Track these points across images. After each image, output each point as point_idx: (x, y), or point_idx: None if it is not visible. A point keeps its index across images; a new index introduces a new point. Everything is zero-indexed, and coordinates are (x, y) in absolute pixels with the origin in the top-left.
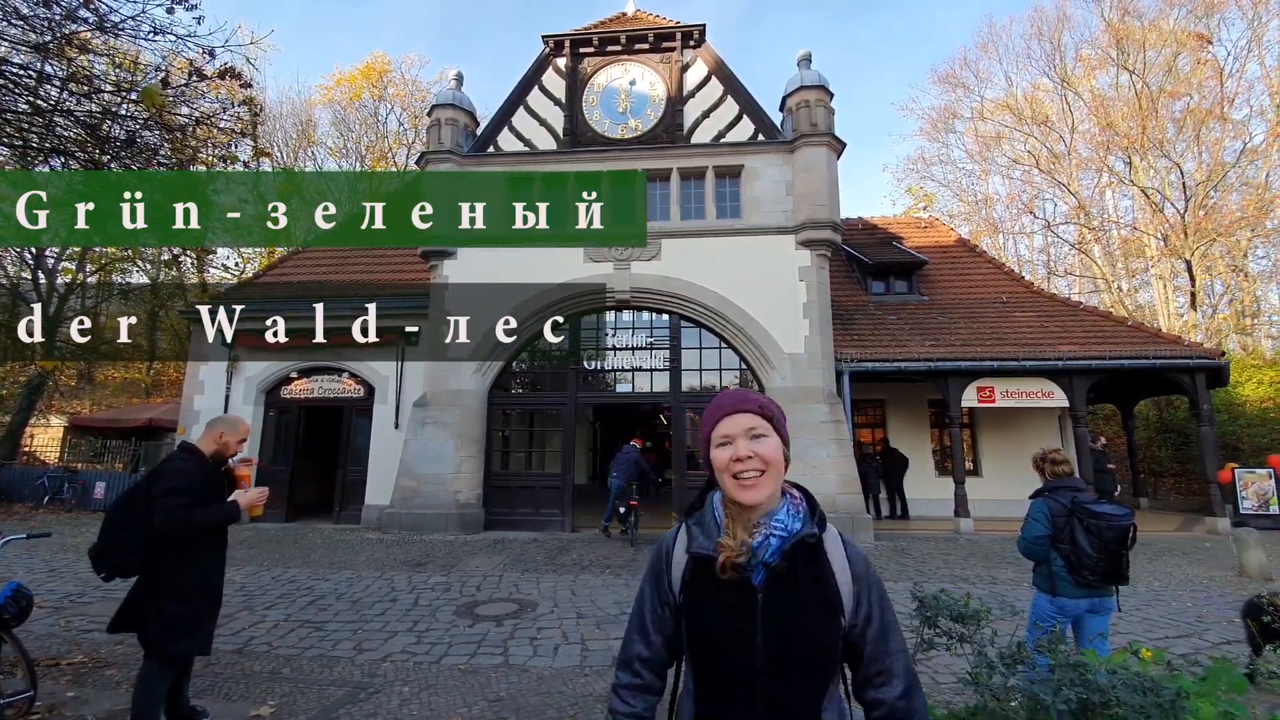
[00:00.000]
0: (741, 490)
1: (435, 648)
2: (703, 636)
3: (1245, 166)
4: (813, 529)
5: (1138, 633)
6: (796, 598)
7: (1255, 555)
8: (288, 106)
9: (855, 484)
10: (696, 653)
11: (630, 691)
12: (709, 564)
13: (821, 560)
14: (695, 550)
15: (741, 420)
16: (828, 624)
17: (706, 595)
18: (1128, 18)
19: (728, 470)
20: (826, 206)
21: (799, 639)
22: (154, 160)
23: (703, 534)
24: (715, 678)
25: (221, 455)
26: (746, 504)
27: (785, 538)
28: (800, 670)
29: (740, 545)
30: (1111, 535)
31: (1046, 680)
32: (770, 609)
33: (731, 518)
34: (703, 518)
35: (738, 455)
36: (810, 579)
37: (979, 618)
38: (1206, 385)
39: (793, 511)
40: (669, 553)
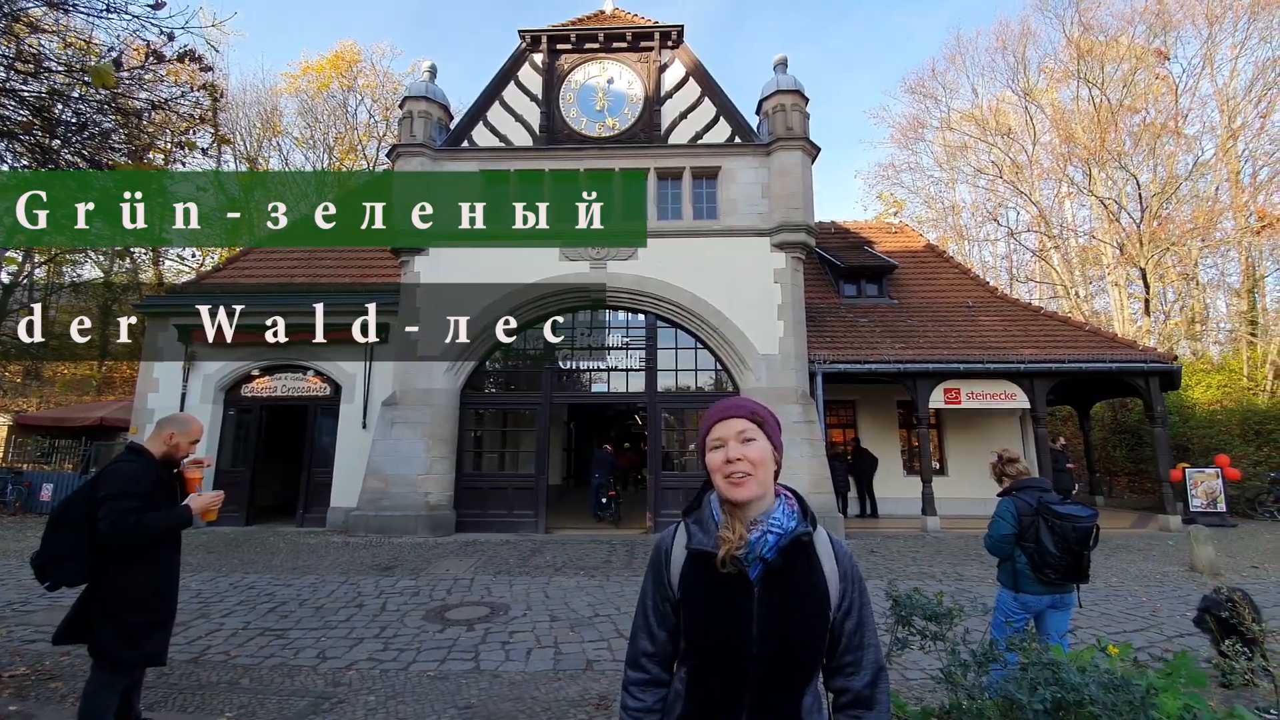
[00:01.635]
0: (731, 488)
1: (403, 654)
2: (700, 628)
3: (1196, 180)
4: (807, 527)
5: (1097, 627)
6: (790, 592)
7: (1205, 551)
8: (252, 94)
9: (827, 483)
10: (693, 643)
11: (639, 687)
12: (707, 559)
13: (813, 557)
14: (694, 546)
15: (733, 425)
16: (817, 617)
17: (704, 589)
18: (1089, 33)
19: (720, 471)
20: (801, 209)
21: (791, 631)
22: (107, 145)
23: (701, 531)
24: (710, 666)
25: (172, 457)
26: (736, 501)
27: (782, 535)
28: (790, 660)
29: (740, 539)
30: (1075, 535)
31: (1020, 679)
32: (766, 602)
33: (730, 515)
34: (701, 516)
35: (728, 457)
36: (803, 575)
37: (952, 616)
38: (1160, 388)
39: (788, 511)
40: (668, 551)
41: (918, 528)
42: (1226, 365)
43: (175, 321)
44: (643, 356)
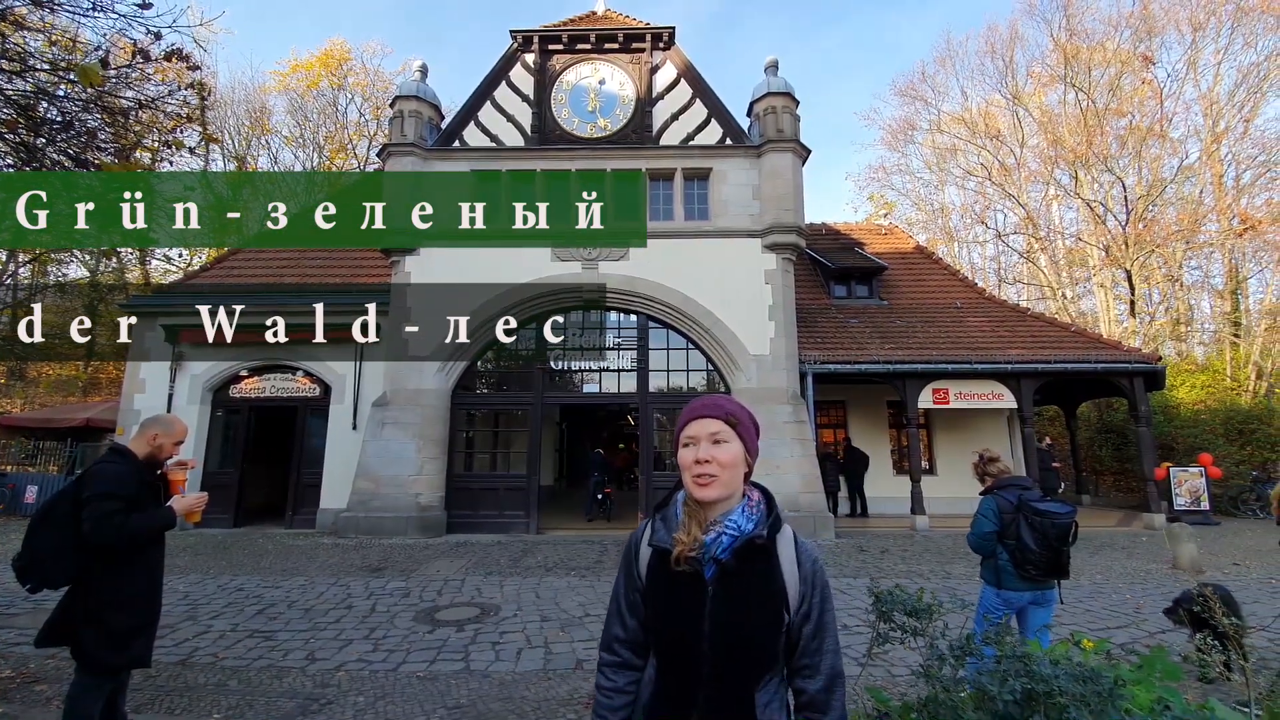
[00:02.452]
0: (697, 488)
1: (393, 655)
2: (659, 622)
3: (1181, 183)
4: (762, 531)
5: (1080, 624)
6: (743, 593)
7: (1187, 549)
8: (240, 92)
9: (817, 483)
10: (654, 636)
11: (612, 669)
12: (667, 556)
13: (771, 560)
14: (656, 543)
15: (707, 425)
16: (771, 619)
17: (664, 585)
18: (1076, 38)
19: (689, 469)
20: (792, 211)
21: (742, 631)
22: (94, 145)
23: (665, 528)
24: (669, 658)
25: (156, 458)
26: (700, 500)
27: (736, 536)
28: (741, 659)
29: (693, 541)
30: (1054, 532)
31: (993, 671)
32: (718, 601)
33: (689, 515)
34: (667, 514)
35: (698, 457)
36: (758, 577)
37: (931, 612)
38: (1144, 388)
39: (748, 513)
40: (637, 544)
41: (907, 527)
42: (1210, 365)
43: (162, 321)
44: (634, 357)
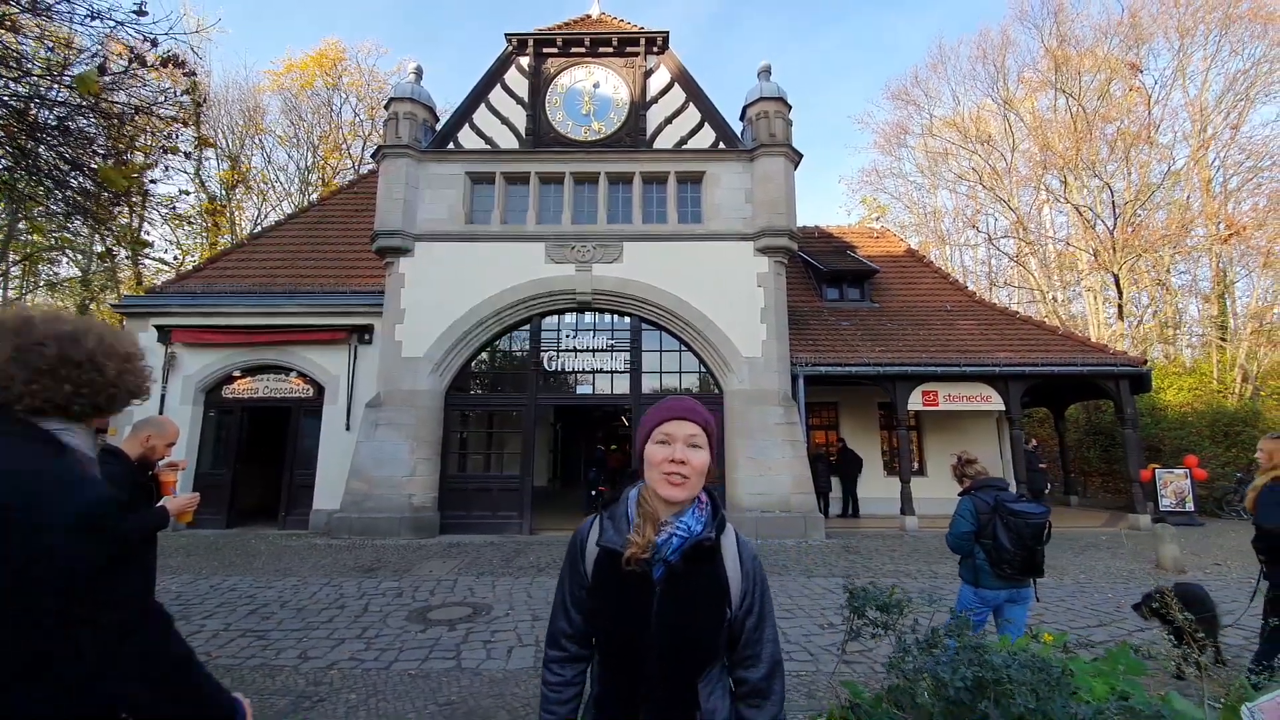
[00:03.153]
0: (669, 487)
1: (385, 654)
2: (605, 620)
3: (1169, 188)
4: (710, 533)
5: (1062, 622)
6: (690, 592)
7: (1170, 549)
8: (234, 92)
9: (808, 484)
10: (599, 633)
11: (558, 663)
12: (615, 556)
13: (716, 559)
14: (604, 543)
15: (686, 427)
16: (715, 616)
17: (611, 584)
18: (1066, 44)
19: (661, 467)
20: (784, 215)
21: (688, 629)
22: (90, 149)
23: (613, 529)
24: (614, 656)
25: (148, 459)
26: (668, 500)
27: (686, 538)
28: (687, 655)
29: (646, 543)
30: (1029, 532)
31: (949, 661)
32: (665, 600)
33: (643, 517)
34: (616, 513)
35: (674, 457)
36: (704, 576)
37: (901, 607)
38: (1130, 390)
39: (697, 515)
40: (583, 542)
41: (897, 527)
42: (1197, 368)
43: (155, 322)
44: (628, 359)
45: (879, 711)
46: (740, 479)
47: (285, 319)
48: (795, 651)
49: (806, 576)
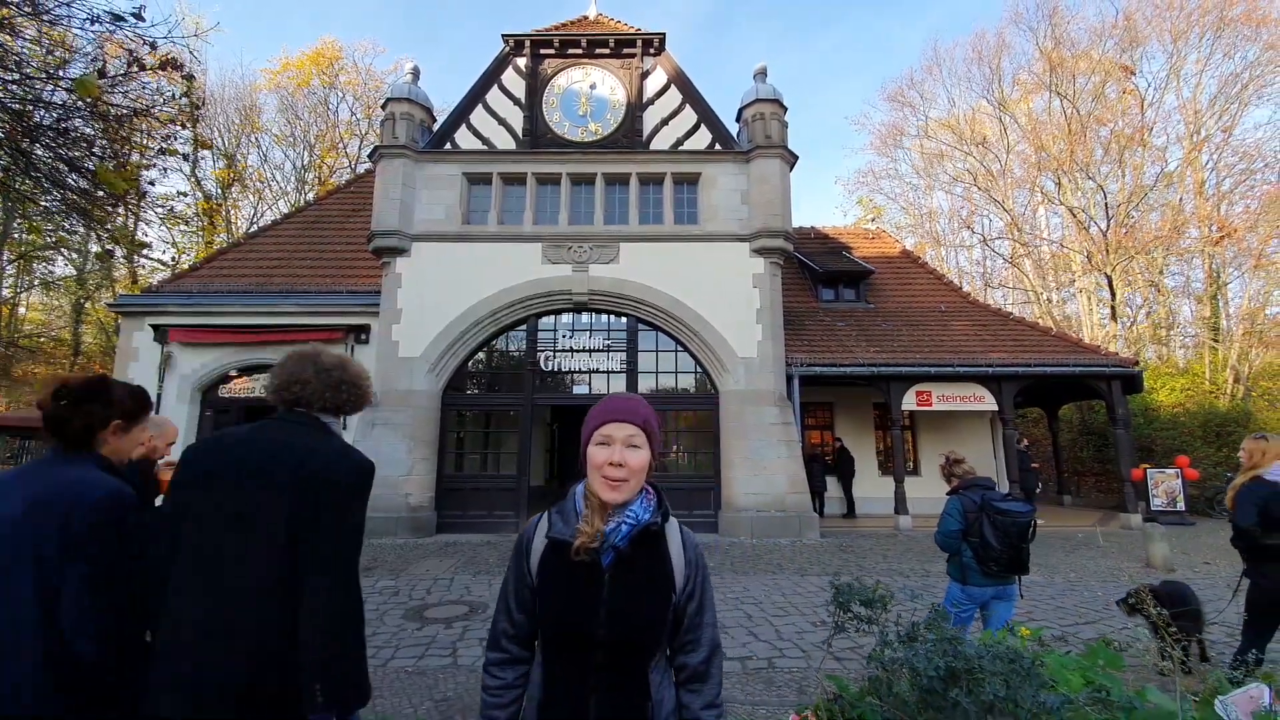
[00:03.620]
0: (608, 491)
1: (381, 651)
2: (554, 611)
3: (1163, 189)
4: (656, 519)
5: (1051, 620)
6: (638, 577)
7: (1160, 548)
8: (230, 90)
9: (803, 484)
10: (547, 626)
11: (499, 666)
12: (564, 547)
13: (661, 546)
14: (554, 535)
15: (625, 428)
16: (661, 600)
17: (559, 575)
18: (1061, 46)
19: (601, 469)
20: (780, 216)
21: (636, 614)
22: (90, 151)
23: (562, 522)
24: (562, 648)
25: (149, 458)
26: (608, 503)
27: (634, 525)
28: (636, 640)
29: (595, 532)
30: (1015, 530)
31: (925, 652)
32: (615, 587)
33: (592, 509)
34: (564, 507)
35: (612, 459)
36: (651, 562)
37: (885, 603)
38: (1122, 391)
39: (645, 504)
40: (529, 539)
41: (891, 526)
42: (1190, 369)
43: (151, 321)
44: (624, 359)
45: (862, 703)
46: (736, 479)
47: (282, 318)
48: (787, 649)
49: (800, 575)
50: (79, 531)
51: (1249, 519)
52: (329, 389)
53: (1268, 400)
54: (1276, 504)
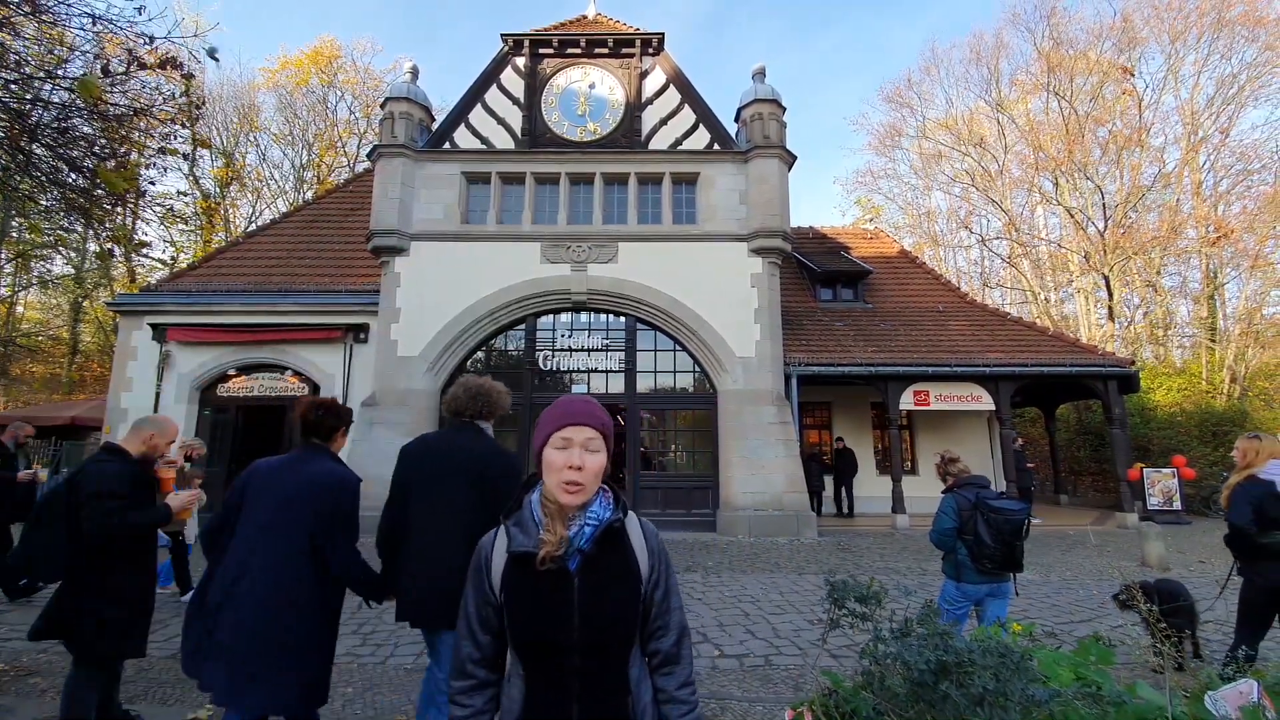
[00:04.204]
0: (566, 495)
1: (380, 649)
2: (524, 625)
3: (1160, 190)
4: (618, 515)
5: (1045, 617)
6: (607, 575)
7: (1155, 547)
8: (229, 89)
9: (801, 483)
10: (520, 641)
11: (466, 694)
12: (528, 559)
13: (624, 541)
14: (515, 549)
15: (584, 432)
16: (632, 594)
17: (526, 587)
18: (1059, 47)
19: (559, 473)
20: (779, 216)
21: (611, 611)
22: (90, 151)
23: (521, 533)
24: (539, 658)
25: (150, 457)
26: (567, 506)
27: (597, 525)
28: (613, 638)
29: (560, 540)
30: (1008, 528)
31: (916, 646)
32: (585, 589)
33: (551, 515)
34: (521, 518)
35: (571, 463)
36: (617, 558)
37: (879, 599)
38: (1118, 390)
39: (605, 503)
40: (488, 557)
41: (888, 525)
42: (1187, 369)
43: (149, 320)
44: (623, 358)
45: (856, 698)
46: (734, 478)
47: (280, 317)
48: (785, 646)
49: (798, 574)
50: (347, 508)
51: (1243, 518)
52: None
53: (1264, 400)
54: (1271, 503)
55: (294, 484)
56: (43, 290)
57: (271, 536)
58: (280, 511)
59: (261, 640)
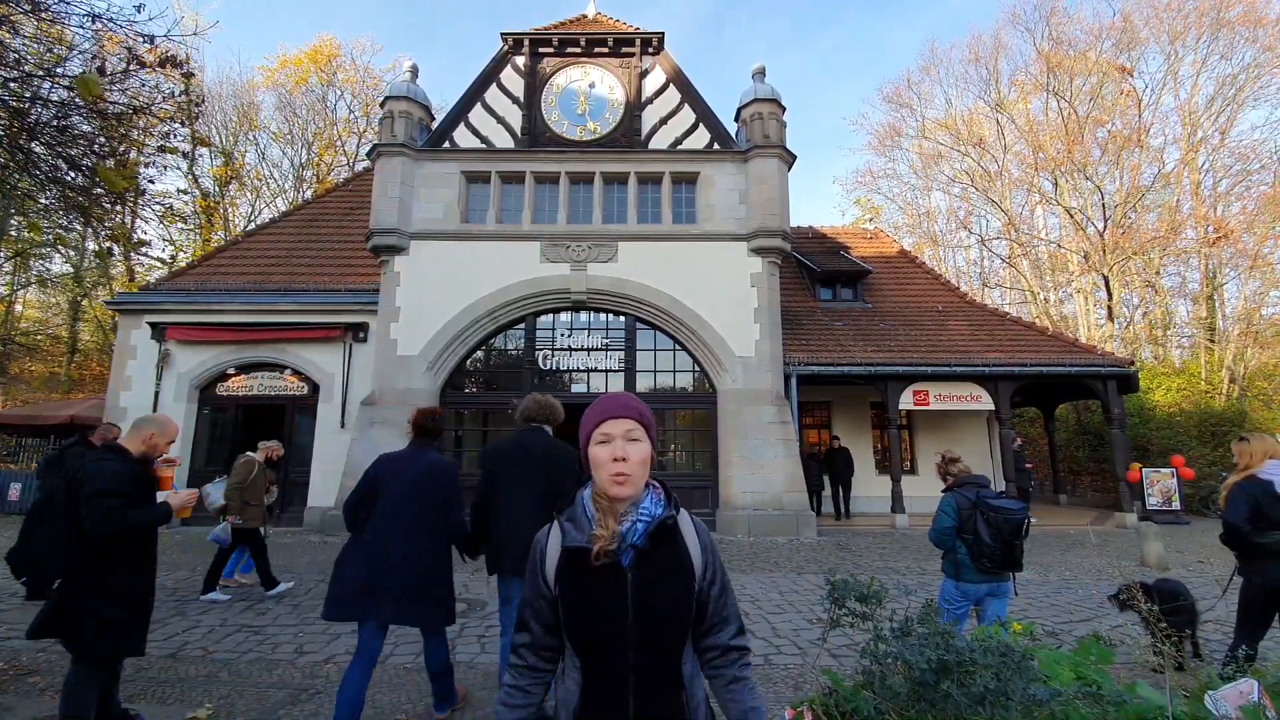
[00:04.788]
0: (614, 486)
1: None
2: (579, 619)
3: (1160, 190)
4: (671, 512)
5: (1045, 617)
6: (660, 572)
7: (1154, 546)
8: (228, 88)
9: (800, 483)
10: (575, 635)
11: (517, 671)
12: (582, 554)
13: (678, 538)
14: (569, 544)
15: (623, 424)
16: (685, 590)
17: (580, 582)
18: (1058, 47)
19: (605, 467)
20: (778, 215)
21: (664, 607)
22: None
23: (575, 529)
24: (594, 652)
25: (149, 456)
26: (615, 498)
27: (649, 522)
28: (666, 633)
29: (613, 535)
30: (1008, 527)
31: (917, 645)
32: (639, 585)
33: (603, 511)
34: (574, 514)
35: (615, 455)
36: (670, 554)
37: (879, 598)
38: (1117, 390)
39: (656, 499)
40: (543, 551)
41: (888, 525)
42: (1186, 369)
43: (149, 319)
44: (622, 358)
45: (856, 697)
46: (734, 477)
47: (280, 316)
48: (784, 645)
49: (798, 574)
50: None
51: (1238, 516)
52: (539, 409)
53: (1262, 400)
54: (1268, 501)
55: (418, 472)
56: (42, 289)
57: (407, 509)
58: (412, 491)
59: (414, 581)
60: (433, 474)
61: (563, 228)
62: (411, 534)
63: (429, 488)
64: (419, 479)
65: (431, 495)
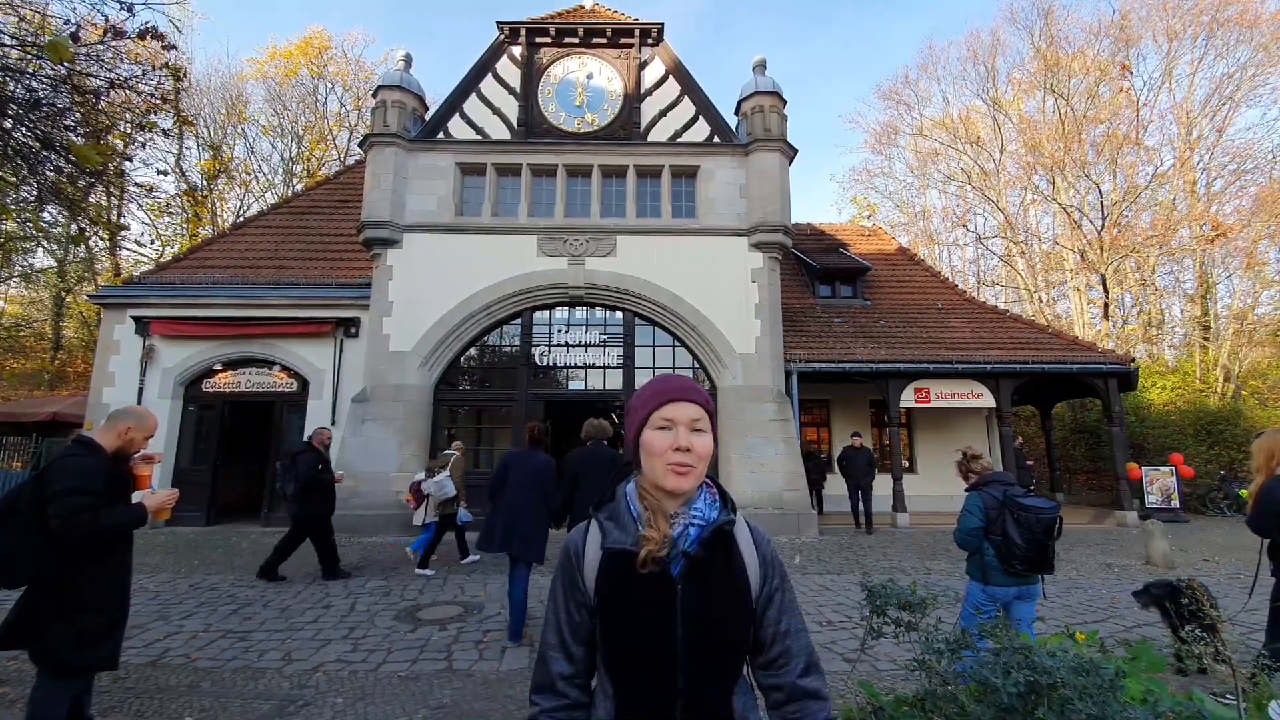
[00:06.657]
0: (675, 478)
1: (373, 655)
2: (620, 634)
3: (1156, 189)
4: (729, 515)
5: (1059, 618)
6: (714, 584)
7: (1160, 545)
8: (216, 80)
9: (801, 481)
10: (614, 651)
11: (553, 714)
12: (626, 559)
13: (733, 546)
14: (610, 545)
15: (689, 410)
16: (741, 607)
17: (624, 591)
18: (1056, 46)
19: (664, 456)
20: (779, 210)
21: (717, 625)
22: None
23: (617, 528)
24: (634, 674)
25: (125, 452)
26: (674, 491)
27: (704, 526)
28: (718, 656)
29: (664, 537)
30: (1040, 527)
31: (994, 664)
32: (689, 598)
33: (651, 510)
34: (615, 511)
35: (679, 444)
36: (724, 565)
37: (925, 605)
38: (1118, 389)
39: (710, 501)
40: (579, 553)
41: (888, 524)
42: (1181, 368)
43: (133, 313)
44: (620, 354)
45: (901, 714)
46: (733, 475)
47: (268, 311)
48: None
49: (801, 573)
50: (554, 476)
51: (1263, 522)
52: (598, 430)
53: (1257, 398)
54: None
55: (535, 466)
56: (25, 284)
57: (527, 490)
58: (531, 478)
59: (530, 531)
60: (541, 469)
61: (560, 221)
62: (528, 504)
63: (538, 477)
64: (534, 471)
65: (539, 481)
